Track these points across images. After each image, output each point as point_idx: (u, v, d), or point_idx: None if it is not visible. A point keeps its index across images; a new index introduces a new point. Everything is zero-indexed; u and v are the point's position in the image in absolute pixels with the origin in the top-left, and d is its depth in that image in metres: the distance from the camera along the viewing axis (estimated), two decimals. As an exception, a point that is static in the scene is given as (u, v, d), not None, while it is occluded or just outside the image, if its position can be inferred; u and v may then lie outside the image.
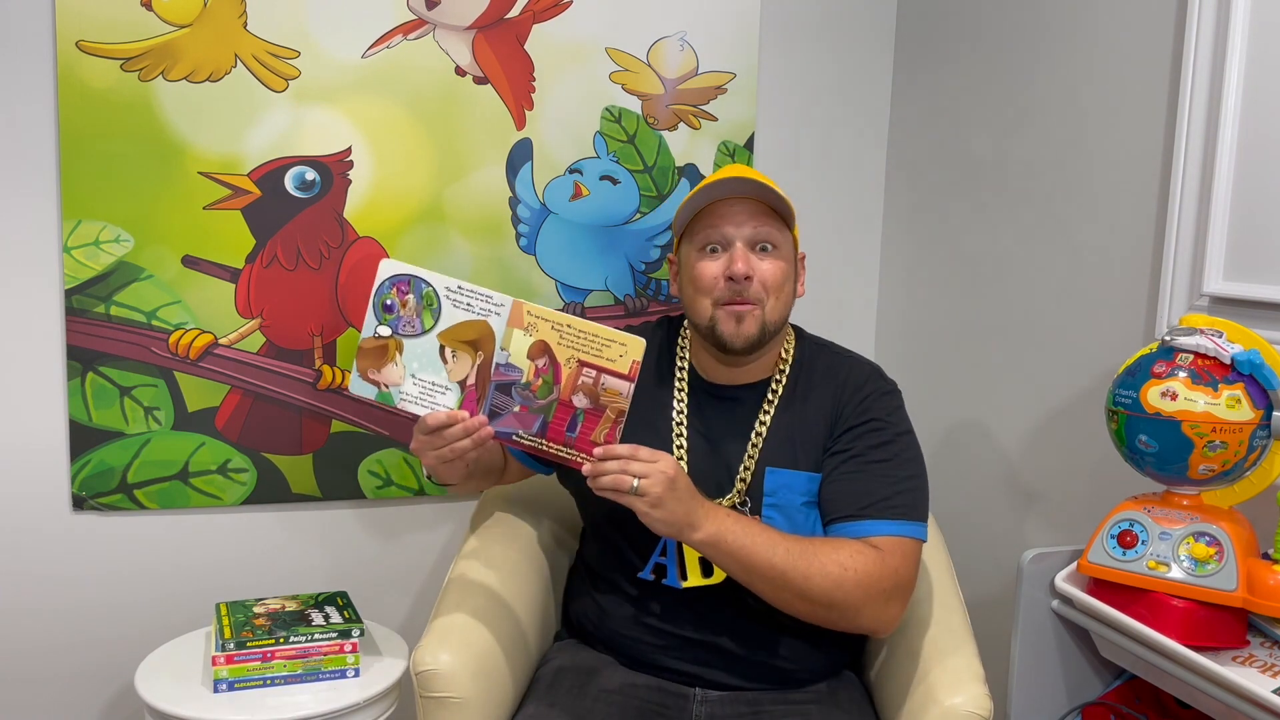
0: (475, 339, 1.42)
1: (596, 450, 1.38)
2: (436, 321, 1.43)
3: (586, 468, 1.39)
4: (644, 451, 1.39)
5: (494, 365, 1.41)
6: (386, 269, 1.43)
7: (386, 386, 1.44)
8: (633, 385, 1.39)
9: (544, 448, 1.41)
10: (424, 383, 1.44)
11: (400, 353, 1.44)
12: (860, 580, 1.45)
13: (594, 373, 1.39)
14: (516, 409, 1.41)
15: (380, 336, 1.44)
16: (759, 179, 1.55)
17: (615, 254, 2.15)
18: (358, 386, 1.45)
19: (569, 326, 1.39)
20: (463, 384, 1.43)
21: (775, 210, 1.56)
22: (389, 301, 1.43)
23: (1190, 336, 1.40)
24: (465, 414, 1.41)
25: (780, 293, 1.55)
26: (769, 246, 1.55)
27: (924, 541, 1.53)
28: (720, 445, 1.59)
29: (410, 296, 1.43)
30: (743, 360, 1.60)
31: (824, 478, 1.56)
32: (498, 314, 1.41)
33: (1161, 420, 1.37)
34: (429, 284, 1.43)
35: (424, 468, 1.55)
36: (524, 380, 1.41)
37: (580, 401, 1.40)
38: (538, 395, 1.40)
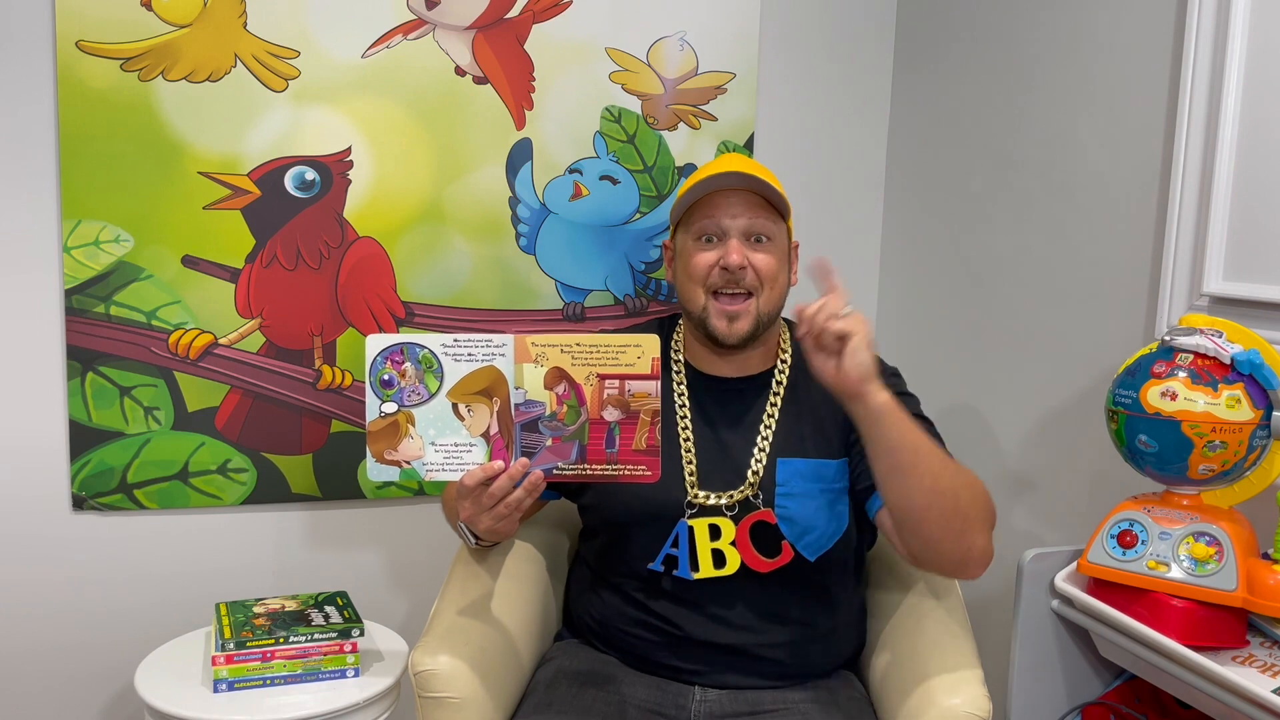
0: (487, 387, 1.38)
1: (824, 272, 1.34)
2: (441, 382, 1.38)
3: (802, 329, 1.34)
4: (832, 300, 1.35)
5: (513, 406, 1.38)
6: (374, 344, 1.39)
7: (408, 463, 1.39)
8: (659, 382, 1.38)
9: (587, 473, 1.39)
10: (446, 447, 1.39)
11: (413, 424, 1.39)
12: (985, 493, 1.46)
13: (617, 382, 1.37)
14: (549, 443, 1.38)
15: (386, 414, 1.39)
16: (756, 172, 1.56)
17: (615, 254, 2.15)
18: (377, 472, 1.40)
19: (578, 345, 1.37)
20: (487, 436, 1.39)
21: (771, 202, 1.58)
22: (386, 376, 1.39)
23: (1190, 336, 1.40)
24: (500, 464, 1.37)
25: (774, 284, 1.57)
26: (763, 238, 1.57)
27: None
28: (727, 439, 1.60)
29: (407, 365, 1.39)
30: (738, 352, 1.61)
31: (861, 451, 1.52)
32: (502, 355, 1.38)
33: (1161, 420, 1.37)
34: (423, 346, 1.39)
35: (476, 534, 1.50)
36: (548, 412, 1.38)
37: (611, 415, 1.38)
38: (566, 422, 1.38)
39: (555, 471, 1.39)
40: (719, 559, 1.53)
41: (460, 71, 2.02)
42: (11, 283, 1.88)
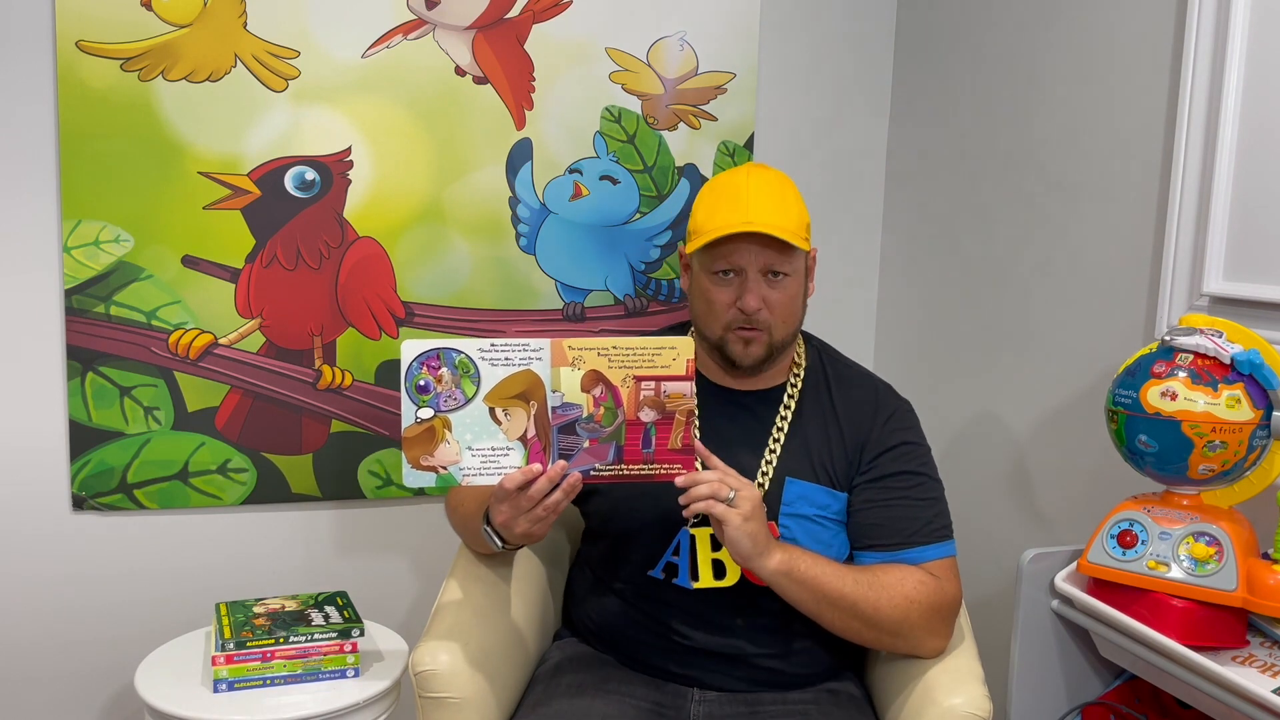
0: (523, 391, 1.39)
1: (699, 456, 1.39)
2: (478, 387, 1.38)
3: (681, 479, 1.38)
4: (733, 471, 1.42)
5: (550, 409, 1.38)
6: (410, 350, 1.38)
7: (444, 468, 1.39)
8: (694, 383, 1.39)
9: (625, 473, 1.40)
10: (483, 451, 1.39)
11: (449, 429, 1.39)
12: (925, 608, 1.48)
13: (653, 383, 1.38)
14: (586, 444, 1.39)
15: (423, 420, 1.38)
16: (777, 209, 1.52)
17: (615, 254, 2.15)
18: (412, 478, 1.39)
19: (615, 348, 1.38)
20: (524, 439, 1.39)
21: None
22: (423, 382, 1.38)
23: (1190, 336, 1.40)
24: (539, 467, 1.37)
25: (789, 314, 1.57)
26: (782, 273, 1.54)
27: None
28: (735, 452, 1.58)
29: (444, 370, 1.38)
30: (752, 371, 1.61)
31: (857, 503, 1.57)
32: (539, 359, 1.38)
33: (1161, 420, 1.37)
34: (460, 351, 1.38)
35: (509, 538, 1.48)
36: (585, 414, 1.38)
37: (648, 415, 1.39)
38: (603, 424, 1.38)
39: (593, 473, 1.40)
40: (719, 570, 1.53)
41: (460, 71, 2.02)
42: (11, 283, 1.88)
